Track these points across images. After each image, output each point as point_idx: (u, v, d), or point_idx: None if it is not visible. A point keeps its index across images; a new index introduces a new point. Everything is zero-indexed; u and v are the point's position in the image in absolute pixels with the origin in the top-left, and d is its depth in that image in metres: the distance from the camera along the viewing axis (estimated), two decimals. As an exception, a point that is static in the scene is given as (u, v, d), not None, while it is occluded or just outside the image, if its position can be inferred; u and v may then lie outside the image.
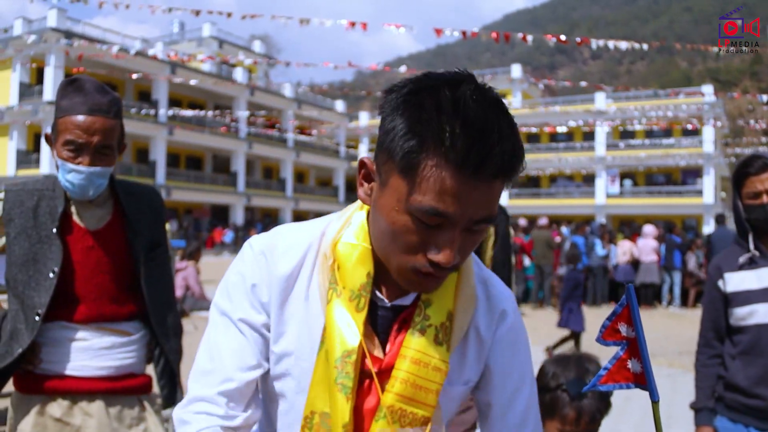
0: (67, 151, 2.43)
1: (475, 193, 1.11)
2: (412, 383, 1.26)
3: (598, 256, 16.87)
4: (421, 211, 1.13)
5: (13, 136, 38.63)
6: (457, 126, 1.08)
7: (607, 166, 46.35)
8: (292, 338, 1.31)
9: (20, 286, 2.47)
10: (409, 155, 1.11)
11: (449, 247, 1.15)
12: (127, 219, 2.62)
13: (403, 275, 1.22)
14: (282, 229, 1.39)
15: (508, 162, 1.11)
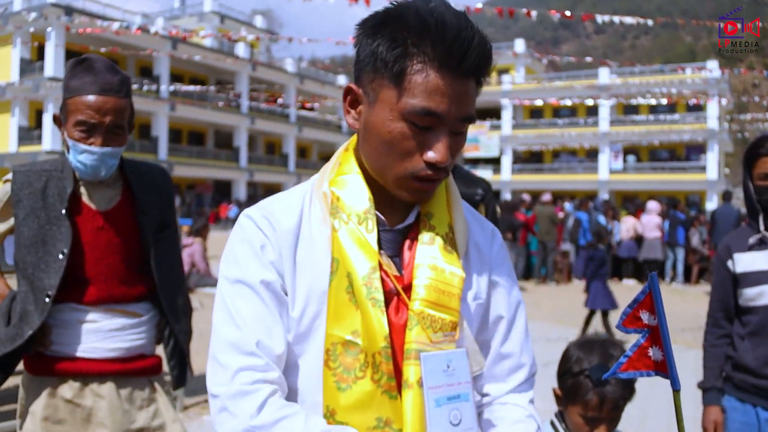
0: (78, 131, 2.41)
1: (457, 90, 1.26)
2: (435, 288, 1.32)
3: (602, 233, 16.86)
4: (414, 113, 1.25)
5: (14, 113, 38.51)
6: (437, 30, 1.22)
7: (611, 142, 46.20)
8: (304, 285, 1.33)
9: (30, 267, 2.46)
10: (396, 63, 1.25)
11: (443, 146, 1.27)
12: (137, 199, 2.61)
13: (402, 185, 1.31)
14: (273, 197, 1.45)
15: (483, 59, 1.27)
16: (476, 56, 1.25)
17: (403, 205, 1.41)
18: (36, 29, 36.24)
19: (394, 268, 1.36)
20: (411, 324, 1.30)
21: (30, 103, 38.04)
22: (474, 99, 1.32)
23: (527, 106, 47.63)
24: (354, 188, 1.38)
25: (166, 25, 43.27)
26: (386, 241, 1.38)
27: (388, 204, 1.39)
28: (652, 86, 41.01)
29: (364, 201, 1.36)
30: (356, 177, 1.39)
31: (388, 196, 1.38)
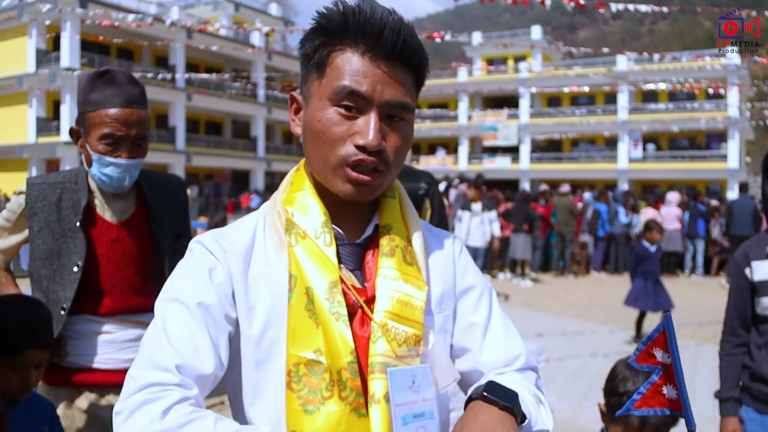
0: (104, 144, 2.41)
1: (379, 71, 1.27)
2: (398, 300, 1.30)
3: (621, 224, 16.76)
4: (338, 94, 1.27)
5: (32, 103, 38.75)
6: (353, 15, 1.26)
7: (630, 130, 45.84)
8: (262, 307, 1.30)
9: (44, 280, 2.48)
10: (316, 52, 1.30)
11: (371, 129, 1.26)
12: (151, 210, 2.62)
13: (339, 175, 1.30)
14: (226, 226, 1.44)
15: (403, 43, 1.28)
16: (392, 38, 1.27)
17: (361, 219, 1.41)
18: (51, 20, 36.41)
19: (357, 282, 1.35)
20: (375, 336, 1.27)
21: (47, 94, 38.26)
22: (410, 88, 1.33)
23: (545, 93, 47.38)
24: (307, 204, 1.37)
25: (181, 14, 43.29)
26: (346, 255, 1.37)
27: (345, 218, 1.39)
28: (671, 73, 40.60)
29: (319, 215, 1.35)
30: (308, 193, 1.39)
31: (344, 210, 1.39)
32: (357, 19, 1.26)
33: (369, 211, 1.43)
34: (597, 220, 16.88)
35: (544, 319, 10.46)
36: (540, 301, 12.46)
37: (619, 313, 10.80)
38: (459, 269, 1.50)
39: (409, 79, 1.33)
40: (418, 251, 1.40)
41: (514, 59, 52.67)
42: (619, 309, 10.59)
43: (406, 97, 1.31)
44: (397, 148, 1.32)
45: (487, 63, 53.47)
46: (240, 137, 49.02)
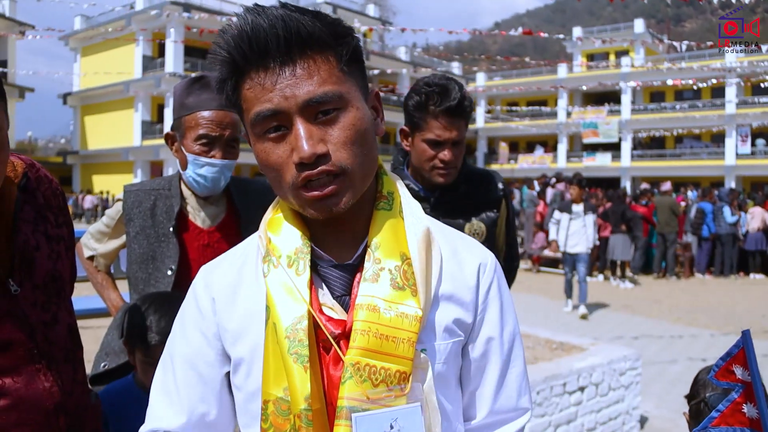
0: (199, 145, 2.50)
1: (282, 77, 1.15)
2: (375, 333, 1.15)
3: (727, 223, 16.11)
4: (257, 125, 1.17)
5: (138, 108, 40.45)
6: (233, 39, 1.16)
7: (738, 125, 44.00)
8: (246, 344, 1.26)
9: (140, 283, 2.59)
10: (231, 93, 1.22)
11: (299, 139, 1.14)
12: (241, 216, 2.69)
13: (300, 202, 1.20)
14: (225, 253, 1.42)
15: (289, 33, 1.14)
16: (274, 40, 1.13)
17: (353, 236, 1.27)
18: (156, 27, 37.86)
19: (340, 310, 1.23)
20: (344, 377, 1.14)
21: (152, 98, 39.79)
22: (329, 72, 1.17)
23: (647, 88, 46.01)
24: (285, 227, 1.28)
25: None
26: (334, 279, 1.25)
27: (334, 237, 1.27)
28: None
29: (296, 240, 1.25)
30: (285, 215, 1.30)
31: (332, 229, 1.26)
32: (234, 47, 1.16)
33: (362, 227, 1.28)
34: (701, 220, 16.28)
35: (643, 323, 10.18)
36: (640, 304, 12.13)
37: (723, 318, 10.40)
38: (483, 301, 1.32)
39: (324, 64, 1.17)
40: (418, 270, 1.22)
41: (616, 54, 51.41)
42: (723, 314, 10.21)
43: (327, 85, 1.16)
44: (344, 141, 1.17)
45: (587, 58, 52.37)
46: (338, 137, 49.62)
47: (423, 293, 1.20)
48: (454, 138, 2.61)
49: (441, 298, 1.26)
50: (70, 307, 1.72)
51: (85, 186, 43.72)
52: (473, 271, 1.31)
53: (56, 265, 1.65)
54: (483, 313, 1.31)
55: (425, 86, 2.62)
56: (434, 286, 1.24)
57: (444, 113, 2.59)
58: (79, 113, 46.37)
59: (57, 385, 1.56)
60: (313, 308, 1.20)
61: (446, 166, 2.63)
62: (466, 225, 2.72)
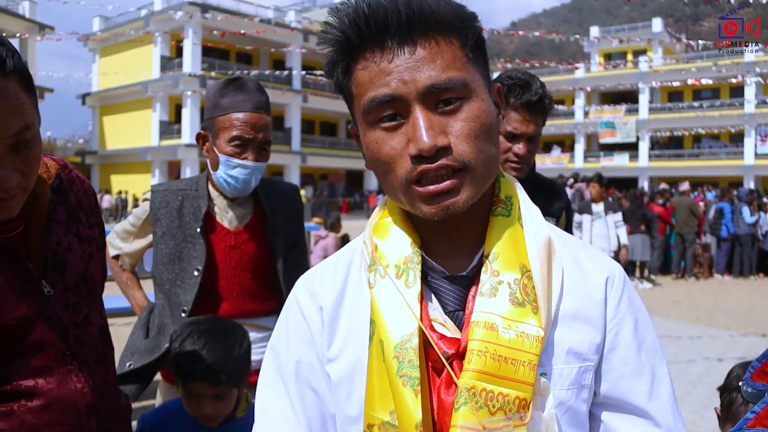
0: (232, 146, 2.51)
1: (401, 60, 1.05)
2: (493, 354, 1.03)
3: (746, 224, 15.97)
4: (371, 112, 1.07)
5: (156, 108, 40.68)
6: (349, 22, 1.06)
7: (757, 125, 43.64)
8: (348, 360, 1.15)
9: (167, 283, 2.60)
10: (342, 77, 1.13)
11: (418, 130, 1.03)
12: (267, 218, 2.69)
13: (412, 200, 1.08)
14: (327, 259, 1.32)
15: (413, 12, 1.04)
16: (395, 18, 1.04)
17: (468, 245, 1.15)
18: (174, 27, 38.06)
19: (453, 327, 1.11)
20: (458, 403, 1.03)
21: (170, 99, 40.00)
22: (453, 57, 1.06)
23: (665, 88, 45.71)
24: (394, 233, 1.17)
25: (297, 17, 44.32)
26: (446, 292, 1.13)
27: (447, 245, 1.15)
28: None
29: (406, 246, 1.14)
30: (396, 218, 1.18)
31: (446, 236, 1.15)
32: (350, 26, 1.07)
33: (478, 235, 1.15)
34: (720, 220, 16.15)
35: (662, 324, 10.11)
36: (659, 305, 12.05)
37: (743, 319, 10.32)
38: (612, 318, 1.15)
39: (448, 47, 1.06)
40: (539, 285, 1.09)
41: (634, 53, 51.15)
42: (743, 314, 10.14)
43: (451, 71, 1.05)
44: (467, 133, 1.05)
45: (604, 58, 52.13)
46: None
47: (544, 310, 1.08)
48: (530, 133, 2.62)
49: (563, 316, 1.12)
50: (101, 307, 1.72)
51: (103, 186, 44.02)
52: (600, 284, 1.16)
53: (88, 266, 1.66)
54: (615, 331, 1.15)
55: (507, 79, 2.62)
56: (555, 303, 1.11)
57: (524, 106, 2.59)
58: (98, 113, 46.70)
59: (88, 385, 1.56)
60: (424, 324, 1.09)
61: (520, 160, 2.63)
62: None
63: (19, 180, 1.39)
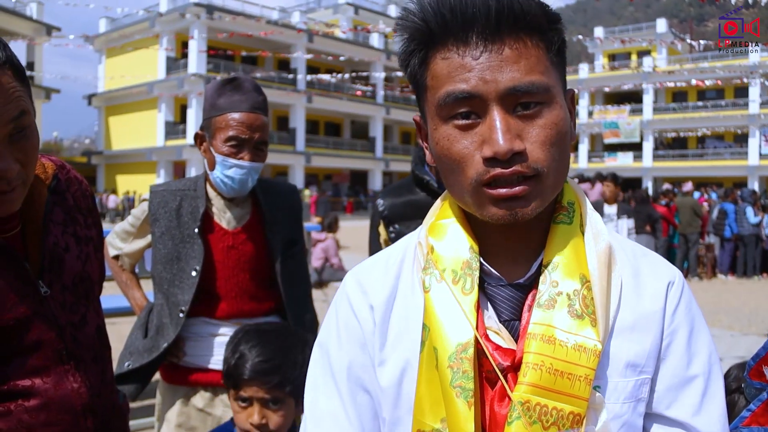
0: (228, 146, 2.51)
1: (484, 57, 1.00)
2: (549, 368, 1.00)
3: (750, 224, 15.94)
4: (445, 106, 1.03)
5: (161, 108, 40.74)
6: (433, 11, 1.02)
7: (762, 125, 43.53)
8: (396, 363, 1.12)
9: (165, 283, 2.60)
10: (409, 66, 1.09)
11: (495, 131, 0.99)
12: (266, 218, 2.69)
13: (479, 201, 1.04)
14: (378, 255, 1.26)
15: (502, 6, 0.99)
16: (483, 10, 0.99)
17: (527, 251, 1.12)
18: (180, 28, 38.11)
19: (508, 337, 1.07)
20: (511, 417, 1.00)
21: (175, 99, 40.05)
22: (537, 60, 1.02)
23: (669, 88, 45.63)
24: (452, 236, 1.12)
25: (302, 18, 44.35)
26: (502, 300, 1.09)
27: (506, 251, 1.12)
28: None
29: (464, 250, 1.10)
30: (455, 221, 1.14)
31: (505, 241, 1.11)
32: (434, 14, 1.02)
33: (538, 242, 1.12)
34: (723, 220, 16.12)
35: (665, 324, 10.09)
36: (662, 305, 12.02)
37: (746, 319, 10.30)
38: (669, 326, 1.10)
39: (533, 49, 1.02)
40: (598, 297, 1.05)
41: (638, 54, 51.07)
42: (746, 314, 10.12)
43: (534, 74, 1.01)
44: (543, 140, 1.02)
45: (609, 58, 52.08)
46: (358, 138, 49.74)
47: (602, 323, 1.04)
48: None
49: (620, 328, 1.07)
50: (98, 307, 1.73)
51: (109, 186, 44.11)
52: (659, 294, 1.12)
53: (85, 267, 1.67)
54: (669, 340, 1.10)
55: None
56: (613, 314, 1.07)
57: None
58: (104, 114, 46.78)
59: (85, 385, 1.57)
60: (479, 333, 1.05)
61: None
62: None
63: (19, 170, 1.40)
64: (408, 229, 2.68)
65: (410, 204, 2.71)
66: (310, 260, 9.66)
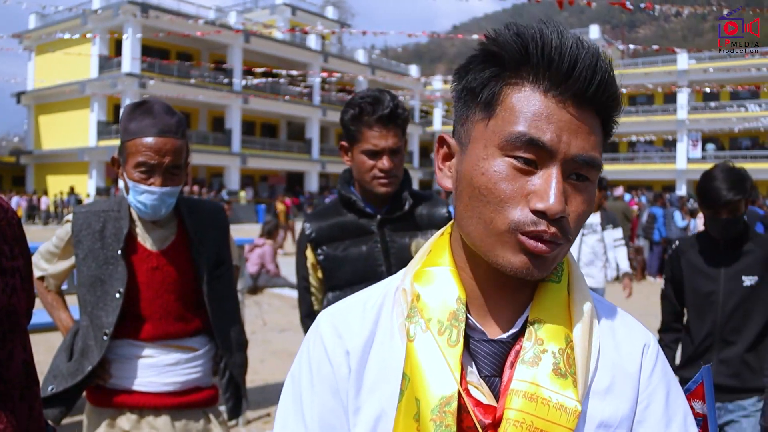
0: (138, 172, 2.46)
1: (569, 118, 0.98)
2: (530, 425, 0.99)
3: (678, 228, 16.41)
4: (512, 142, 0.98)
5: (94, 108, 39.87)
6: (536, 45, 0.99)
7: (689, 130, 44.93)
8: (370, 411, 1.08)
9: (89, 306, 2.54)
10: (486, 87, 1.03)
11: (553, 189, 0.97)
12: (191, 238, 2.66)
13: (506, 243, 1.01)
14: (355, 296, 1.22)
15: (599, 82, 0.99)
16: (587, 74, 0.98)
17: (513, 308, 1.10)
18: (113, 26, 37.39)
19: (488, 394, 1.05)
20: None
21: (108, 99, 39.26)
22: (598, 139, 1.03)
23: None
24: (440, 284, 1.10)
25: (239, 18, 43.96)
26: (484, 355, 1.07)
27: (492, 306, 1.10)
28: (734, 70, 39.66)
29: (452, 301, 1.07)
30: (446, 270, 1.11)
31: (493, 295, 1.10)
32: (542, 48, 0.99)
33: (525, 299, 1.10)
34: (653, 224, 16.56)
35: (597, 327, 10.30)
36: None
37: (675, 322, 10.58)
38: (645, 389, 1.11)
39: (599, 127, 1.03)
40: (579, 357, 1.05)
41: (571, 59, 52.12)
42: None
43: (596, 151, 1.01)
44: (579, 215, 1.02)
45: (543, 63, 53.11)
46: (295, 139, 49.62)
47: (582, 383, 1.03)
48: (390, 146, 2.59)
49: (596, 390, 1.07)
50: (25, 341, 1.65)
51: (39, 186, 42.99)
52: (634, 356, 1.12)
53: (11, 300, 1.59)
54: (646, 403, 1.10)
55: (359, 99, 2.62)
56: (591, 375, 1.07)
57: (378, 121, 2.57)
58: (33, 112, 45.58)
59: (11, 425, 1.50)
60: (461, 388, 1.03)
61: (386, 175, 2.60)
62: (412, 242, 2.69)
63: None
64: (336, 251, 2.68)
65: (337, 226, 2.71)
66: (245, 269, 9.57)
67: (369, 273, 2.63)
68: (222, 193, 35.53)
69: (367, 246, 2.67)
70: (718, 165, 3.29)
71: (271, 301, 11.02)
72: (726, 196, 3.11)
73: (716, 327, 3.27)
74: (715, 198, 3.13)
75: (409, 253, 2.65)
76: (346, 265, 2.67)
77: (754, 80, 38.73)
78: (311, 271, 2.78)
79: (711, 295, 3.28)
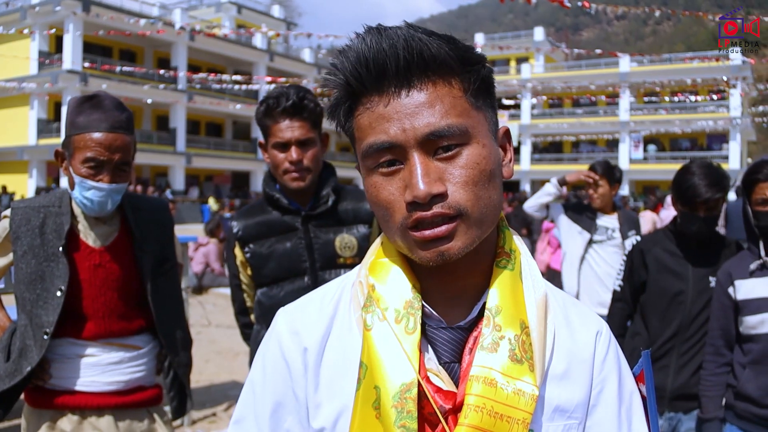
0: (86, 168, 2.41)
1: (401, 105, 1.02)
2: (490, 410, 1.01)
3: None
4: (369, 157, 1.05)
5: (33, 105, 38.89)
6: (350, 62, 1.03)
7: (631, 131, 45.89)
8: (330, 405, 1.10)
9: (28, 304, 2.47)
10: (345, 122, 1.10)
11: (414, 176, 1.00)
12: (134, 235, 2.61)
13: (409, 245, 1.05)
14: (312, 294, 1.24)
15: (411, 55, 1.01)
16: (396, 60, 1.01)
17: (468, 295, 1.12)
18: (54, 21, 36.55)
19: (448, 380, 1.07)
20: None
21: (49, 96, 38.37)
22: (454, 102, 1.03)
23: (547, 94, 47.39)
24: (395, 274, 1.12)
25: (184, 16, 43.40)
26: (443, 342, 1.09)
27: (447, 294, 1.12)
28: (674, 74, 40.66)
29: (406, 291, 1.09)
30: (398, 261, 1.13)
31: (446, 284, 1.12)
32: (352, 70, 1.04)
33: (479, 285, 1.13)
34: (597, 224, 16.86)
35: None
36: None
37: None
38: (598, 374, 1.15)
39: (449, 90, 1.04)
40: (536, 342, 1.08)
41: (517, 60, 52.74)
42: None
43: (450, 116, 1.02)
44: (465, 181, 1.02)
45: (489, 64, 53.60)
46: (240, 139, 49.17)
47: (539, 369, 1.06)
48: (297, 137, 2.59)
49: (553, 375, 1.10)
50: None
51: (-26, 186, 41.77)
52: (588, 342, 1.16)
53: None
54: (599, 388, 1.14)
55: (266, 98, 2.64)
56: (547, 361, 1.09)
57: (283, 114, 2.59)
58: (-32, 110, 44.30)
59: None
60: (420, 375, 1.04)
61: (296, 167, 2.60)
62: (336, 238, 2.69)
63: None
64: (262, 248, 2.68)
65: (263, 223, 2.71)
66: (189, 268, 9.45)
67: (294, 269, 2.65)
68: (167, 193, 35.11)
69: (291, 242, 2.67)
70: (694, 161, 3.23)
71: (216, 301, 10.90)
72: (705, 194, 3.05)
73: (681, 329, 3.21)
74: (695, 195, 3.08)
75: (333, 249, 2.66)
76: (272, 262, 2.67)
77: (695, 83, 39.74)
78: (241, 268, 2.78)
79: (679, 295, 3.22)
